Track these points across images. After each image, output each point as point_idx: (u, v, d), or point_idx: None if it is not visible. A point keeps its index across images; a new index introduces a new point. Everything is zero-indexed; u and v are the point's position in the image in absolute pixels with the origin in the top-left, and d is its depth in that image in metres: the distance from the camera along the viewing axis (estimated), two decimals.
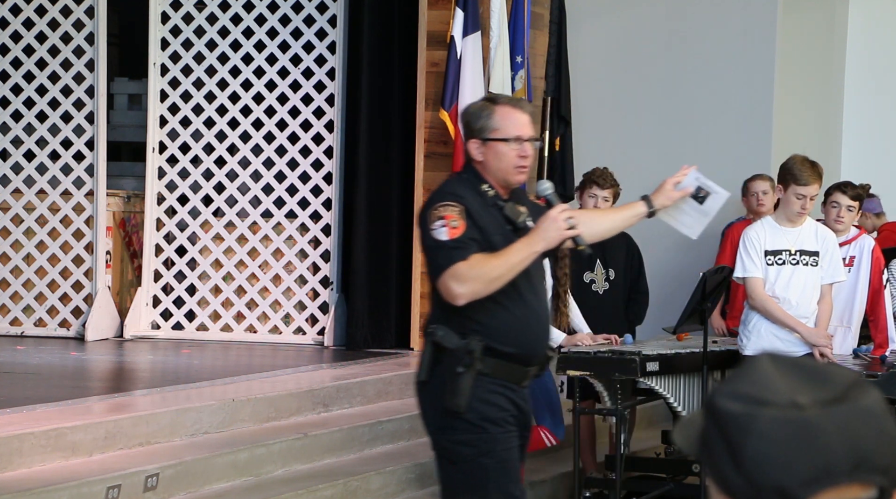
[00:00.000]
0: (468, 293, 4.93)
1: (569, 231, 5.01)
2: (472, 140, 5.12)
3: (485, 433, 5.05)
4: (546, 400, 7.65)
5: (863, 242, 8.09)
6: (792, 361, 1.73)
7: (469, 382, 4.98)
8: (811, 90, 11.49)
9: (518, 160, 5.10)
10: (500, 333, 5.03)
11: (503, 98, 5.34)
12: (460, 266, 4.91)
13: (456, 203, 5.02)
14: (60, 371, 9.34)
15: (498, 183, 5.14)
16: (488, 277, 4.93)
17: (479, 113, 5.13)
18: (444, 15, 10.22)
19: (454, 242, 4.95)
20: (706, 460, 1.73)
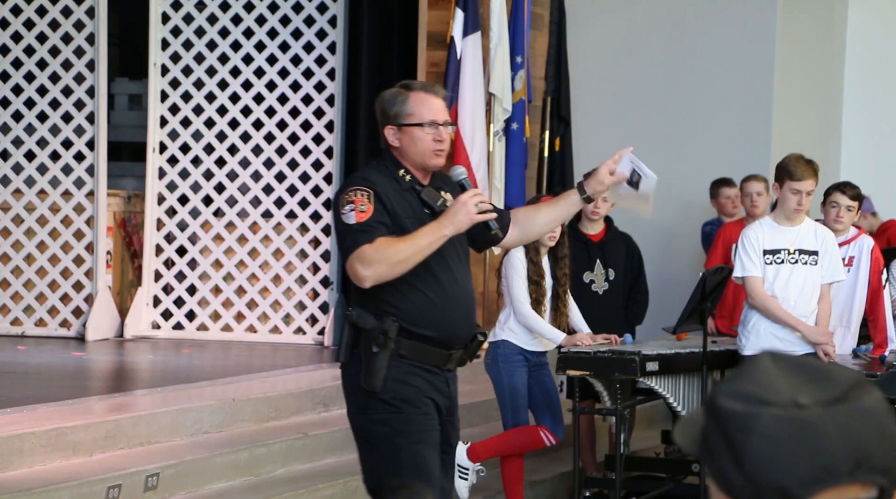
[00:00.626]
0: (373, 276, 4.96)
1: (478, 215, 5.01)
2: (388, 127, 5.14)
3: (399, 413, 5.06)
4: (545, 400, 7.65)
5: (862, 243, 8.09)
6: (793, 361, 1.73)
7: (384, 361, 5.02)
8: (811, 90, 11.50)
9: (434, 144, 5.14)
10: (415, 316, 5.06)
11: (417, 84, 5.36)
12: (365, 249, 4.94)
13: (366, 188, 5.04)
14: (61, 371, 9.34)
15: (416, 168, 5.16)
16: (393, 260, 4.95)
17: (393, 100, 5.16)
18: (444, 15, 10.22)
19: (360, 226, 4.98)
20: (707, 459, 1.73)
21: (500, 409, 7.68)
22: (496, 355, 7.61)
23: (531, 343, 7.59)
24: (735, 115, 10.85)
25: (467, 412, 8.91)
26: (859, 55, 11.73)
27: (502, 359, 7.58)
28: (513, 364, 7.56)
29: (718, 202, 9.88)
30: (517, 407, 7.60)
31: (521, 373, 7.58)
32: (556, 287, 7.63)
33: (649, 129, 11.06)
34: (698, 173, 10.83)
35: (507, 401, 7.62)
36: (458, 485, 7.67)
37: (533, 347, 7.60)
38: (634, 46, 11.12)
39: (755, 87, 10.80)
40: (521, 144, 10.36)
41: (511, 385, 7.57)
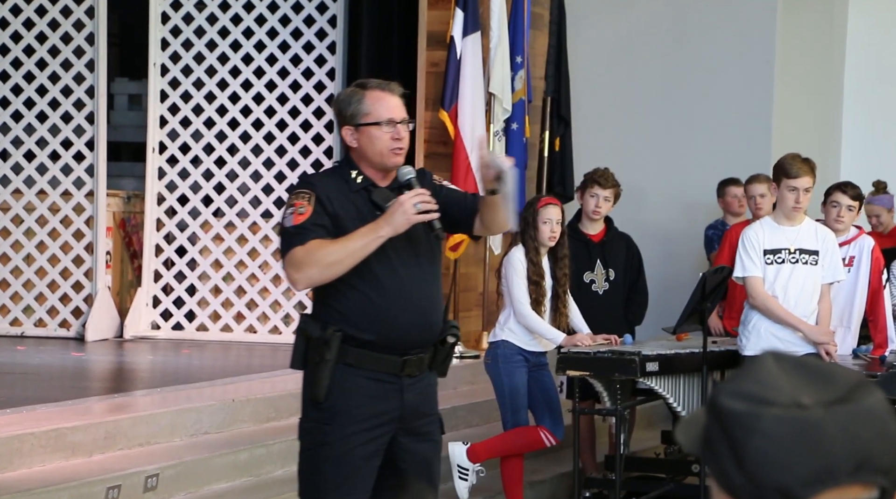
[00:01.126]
0: (303, 278, 4.88)
1: (417, 216, 4.84)
2: (345, 127, 5.02)
3: (327, 425, 4.94)
4: (545, 400, 7.65)
5: (863, 243, 8.09)
6: (796, 361, 1.73)
7: (326, 373, 4.90)
8: (811, 90, 11.49)
9: (392, 143, 5.00)
10: (357, 320, 4.91)
11: (373, 82, 5.18)
12: (296, 251, 4.83)
13: (307, 190, 4.94)
14: (60, 371, 9.34)
15: (375, 168, 5.01)
16: (324, 263, 4.82)
17: (349, 99, 5.04)
18: (444, 15, 10.22)
19: (295, 228, 4.86)
20: (708, 459, 1.73)
21: (500, 409, 7.68)
22: (496, 355, 7.60)
23: (531, 343, 7.58)
24: (735, 115, 10.85)
25: (467, 412, 8.92)
26: (859, 55, 11.73)
27: (502, 359, 7.57)
28: (512, 364, 7.56)
29: (725, 201, 9.85)
30: (517, 407, 7.60)
31: (521, 373, 7.58)
32: (555, 287, 7.63)
33: (649, 129, 11.05)
34: (698, 173, 10.83)
35: (506, 401, 7.61)
36: (458, 485, 7.67)
37: (533, 348, 7.59)
38: (634, 46, 11.12)
39: (755, 86, 10.80)
40: (521, 144, 10.36)
41: (511, 385, 7.56)
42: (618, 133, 11.07)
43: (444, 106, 9.99)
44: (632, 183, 9.75)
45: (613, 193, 8.43)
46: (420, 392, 5.06)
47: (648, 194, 10.87)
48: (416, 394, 5.03)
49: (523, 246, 7.58)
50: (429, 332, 5.03)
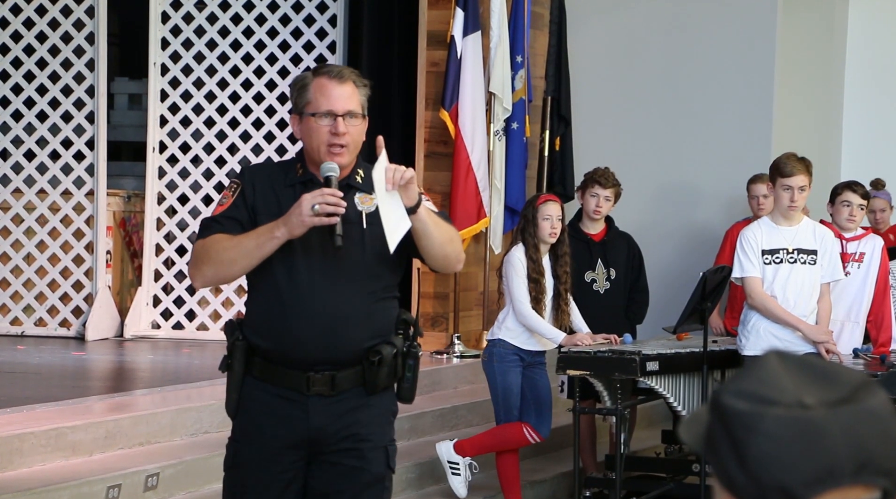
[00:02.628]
0: (198, 275, 4.42)
1: (313, 218, 4.25)
2: (292, 115, 4.57)
3: (234, 444, 4.49)
4: (533, 397, 7.64)
5: (874, 241, 8.09)
6: (800, 360, 1.73)
7: (233, 384, 4.45)
8: (811, 90, 11.49)
9: (330, 138, 4.39)
10: (259, 327, 4.43)
11: (324, 68, 4.59)
12: (196, 245, 4.43)
13: (236, 180, 4.50)
14: (61, 371, 9.34)
15: (313, 161, 4.47)
16: (218, 260, 4.36)
17: (296, 85, 4.56)
18: (444, 15, 10.22)
19: (207, 221, 4.48)
20: (710, 458, 1.73)
21: (494, 407, 7.70)
22: (492, 354, 7.62)
23: (528, 343, 7.58)
24: (735, 114, 10.84)
25: (468, 412, 8.92)
26: (860, 55, 11.73)
27: (497, 358, 7.58)
28: (507, 364, 7.56)
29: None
30: (509, 406, 7.60)
31: (516, 373, 7.59)
32: (557, 286, 7.62)
33: (649, 128, 11.05)
34: (698, 173, 10.83)
35: (499, 400, 7.63)
36: (452, 482, 7.68)
37: (530, 347, 7.59)
38: (635, 46, 11.12)
39: (755, 86, 10.80)
40: (521, 144, 10.36)
41: (504, 384, 7.57)
42: (618, 132, 11.07)
43: (445, 105, 9.99)
44: (632, 182, 9.74)
45: (614, 192, 8.43)
46: (339, 415, 4.42)
47: (649, 194, 10.86)
48: (331, 416, 4.41)
49: (523, 244, 7.58)
50: (338, 349, 4.39)
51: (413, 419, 8.50)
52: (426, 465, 7.92)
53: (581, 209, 8.60)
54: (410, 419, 8.47)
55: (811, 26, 11.45)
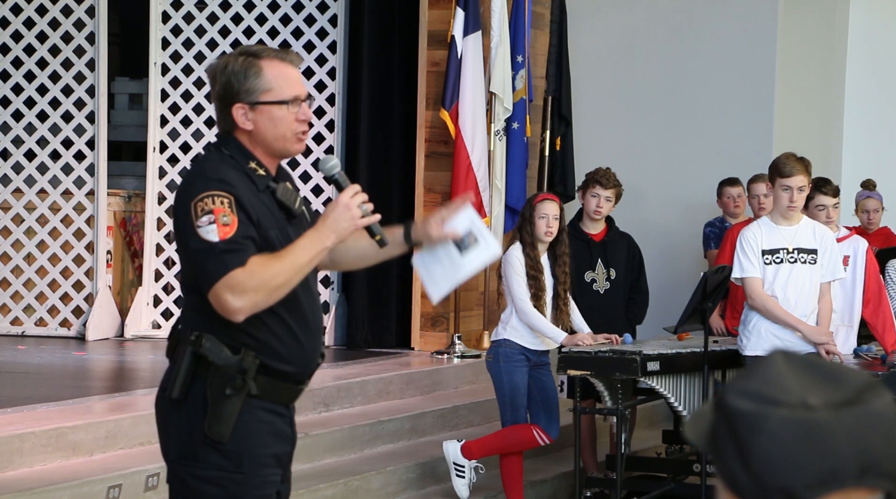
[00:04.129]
0: (248, 307, 3.95)
1: (363, 220, 4.08)
2: (237, 105, 4.08)
3: (237, 473, 4.06)
4: (542, 399, 7.64)
5: (857, 244, 8.09)
6: (806, 361, 1.72)
7: (237, 407, 4.03)
8: (812, 90, 11.49)
9: (298, 126, 4.12)
10: (277, 350, 4.08)
11: (266, 51, 4.19)
12: (237, 274, 3.93)
13: (224, 192, 4.00)
14: (61, 371, 9.34)
15: (271, 156, 4.15)
16: (272, 286, 3.96)
17: (244, 71, 4.08)
18: (444, 15, 10.22)
19: (226, 245, 3.95)
20: (714, 457, 1.73)
21: (500, 407, 7.68)
22: (497, 354, 7.61)
23: (533, 342, 7.58)
24: (736, 114, 10.84)
25: (469, 412, 8.92)
26: (861, 55, 11.73)
27: (503, 358, 7.57)
28: (513, 363, 7.56)
29: (722, 201, 9.89)
30: (516, 406, 7.60)
31: (522, 372, 7.58)
32: (555, 286, 7.62)
33: (650, 128, 11.05)
34: (699, 173, 10.83)
35: (506, 400, 7.62)
36: (456, 484, 7.68)
37: (535, 346, 7.59)
38: (635, 46, 11.12)
39: (756, 86, 10.80)
40: (521, 144, 10.36)
41: (511, 384, 7.57)
42: (619, 132, 11.07)
43: (445, 105, 9.99)
44: (633, 182, 9.75)
45: (615, 193, 8.43)
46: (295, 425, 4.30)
47: (649, 194, 10.87)
48: (295, 426, 4.29)
49: (521, 242, 7.59)
50: (320, 357, 4.29)
51: (413, 419, 8.50)
52: (426, 465, 7.91)
53: (582, 209, 8.60)
54: (411, 419, 8.47)
55: (811, 26, 11.45)
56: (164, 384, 4.15)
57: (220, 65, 4.14)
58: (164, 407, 4.18)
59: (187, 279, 4.15)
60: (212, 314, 4.01)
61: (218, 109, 4.16)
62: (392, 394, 9.03)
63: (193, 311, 4.11)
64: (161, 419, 4.21)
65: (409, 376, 9.30)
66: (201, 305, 4.04)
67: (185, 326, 4.12)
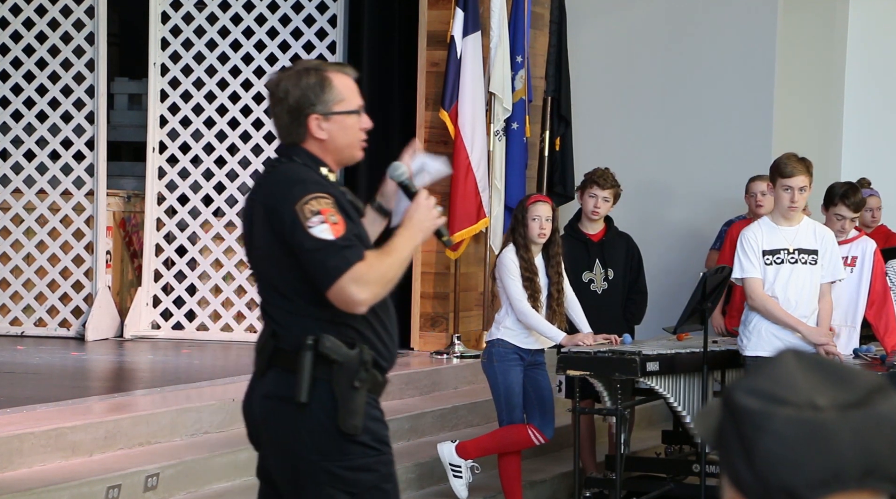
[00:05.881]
0: (371, 298, 4.18)
1: (440, 220, 4.39)
2: (314, 116, 4.32)
3: (382, 455, 4.32)
4: (537, 398, 7.64)
5: (864, 244, 8.08)
6: (816, 360, 1.72)
7: (363, 398, 4.23)
8: (811, 90, 11.49)
9: (361, 133, 4.42)
10: (377, 347, 4.31)
11: (328, 64, 4.49)
12: (360, 268, 4.15)
13: (325, 194, 4.23)
14: (61, 371, 9.34)
15: (337, 164, 4.41)
16: (388, 278, 4.23)
17: (319, 84, 4.32)
18: (444, 15, 10.22)
19: (343, 241, 4.17)
20: (720, 453, 1.73)
21: (496, 407, 7.69)
22: (491, 354, 7.61)
23: (527, 341, 7.58)
24: (736, 115, 10.84)
25: (468, 412, 8.92)
26: (860, 56, 11.73)
27: (497, 357, 7.58)
28: (508, 363, 7.56)
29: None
30: (512, 406, 7.60)
31: (517, 372, 7.58)
32: (549, 287, 7.62)
33: (650, 128, 11.05)
34: (698, 173, 10.83)
35: (502, 400, 7.62)
36: (454, 484, 7.68)
37: (529, 346, 7.59)
38: (635, 46, 11.12)
39: (756, 87, 10.80)
40: (521, 144, 10.36)
41: (506, 384, 7.57)
42: (618, 133, 11.07)
43: (445, 105, 9.99)
44: (632, 182, 9.75)
45: (613, 193, 8.42)
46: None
47: (649, 194, 10.86)
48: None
49: (514, 244, 7.59)
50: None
51: (413, 419, 8.50)
52: (426, 465, 7.91)
53: (581, 209, 8.60)
54: (410, 419, 8.47)
55: (811, 27, 11.45)
56: (278, 393, 4.26)
57: (289, 79, 4.35)
58: (287, 413, 4.27)
59: (288, 285, 4.27)
60: (318, 316, 4.21)
61: (286, 121, 4.38)
62: (391, 394, 9.01)
63: (295, 316, 4.26)
64: (286, 426, 4.29)
65: (409, 377, 9.30)
66: (305, 309, 4.23)
67: (288, 333, 4.25)
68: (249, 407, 4.46)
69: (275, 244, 4.26)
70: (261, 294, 4.41)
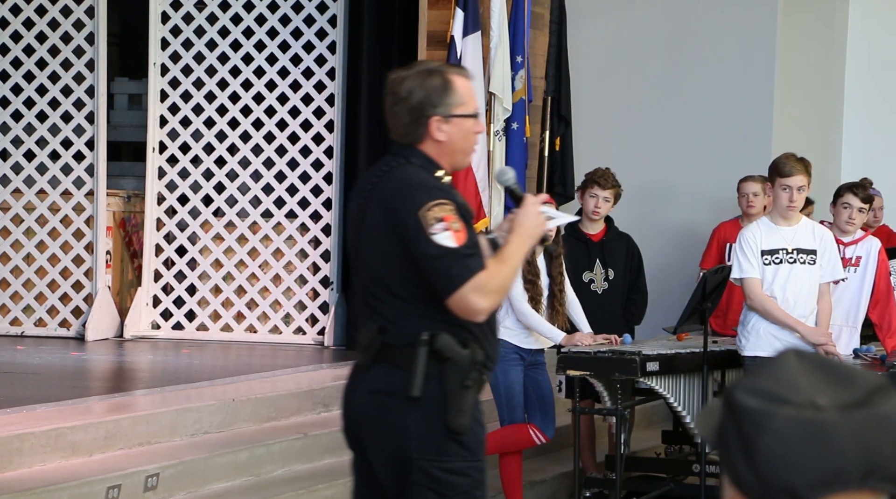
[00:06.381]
0: (490, 307, 4.25)
1: (548, 223, 4.42)
2: (436, 117, 4.33)
3: (478, 461, 4.39)
4: (538, 398, 7.64)
5: (870, 244, 8.08)
6: (818, 360, 1.72)
7: (473, 398, 4.29)
8: (811, 90, 11.49)
9: (476, 138, 4.46)
10: (491, 347, 4.38)
11: (450, 68, 4.56)
12: (482, 277, 4.18)
13: (448, 200, 4.24)
14: (60, 371, 9.34)
15: (451, 166, 4.42)
16: (505, 287, 4.30)
17: (443, 86, 4.36)
18: (444, 15, 10.22)
19: (466, 249, 4.19)
20: (721, 452, 1.73)
21: (497, 407, 7.69)
22: None
23: (527, 341, 7.58)
24: (735, 115, 10.84)
25: None
26: (860, 56, 11.73)
27: None
28: (508, 363, 7.56)
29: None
30: (513, 406, 7.60)
31: (517, 371, 7.58)
32: (551, 286, 7.62)
33: (649, 129, 11.05)
34: (698, 173, 10.83)
35: (502, 399, 7.62)
36: None
37: (529, 346, 7.59)
38: (635, 46, 11.12)
39: (756, 87, 10.80)
40: (521, 144, 10.35)
41: (506, 384, 7.57)
42: (618, 133, 11.07)
43: None
44: (632, 182, 9.74)
45: (613, 193, 8.43)
46: None
47: (649, 194, 10.86)
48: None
49: None
50: None
51: None
52: None
53: (581, 209, 8.60)
54: None
55: (811, 27, 11.45)
56: (386, 387, 4.30)
57: (413, 79, 4.41)
58: (396, 408, 4.29)
59: (403, 287, 4.29)
60: (433, 316, 4.25)
61: (406, 121, 4.38)
62: None
63: (409, 315, 4.29)
64: (392, 420, 4.31)
65: None
66: (420, 309, 4.27)
67: (400, 330, 4.29)
68: (351, 403, 4.46)
69: (393, 247, 4.29)
70: (369, 291, 4.39)
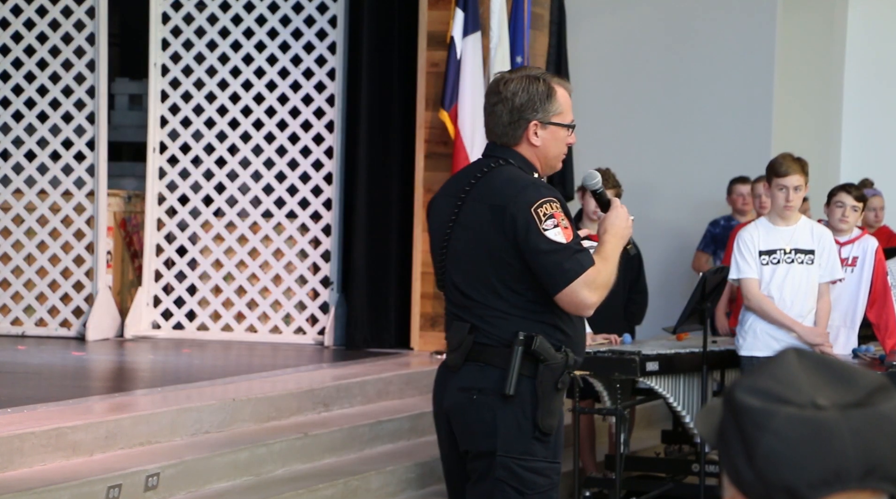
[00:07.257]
0: (597, 302, 4.41)
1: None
2: (535, 122, 4.52)
3: (556, 464, 4.50)
4: None
5: (866, 243, 8.08)
6: (818, 360, 1.73)
7: (562, 401, 4.44)
8: (811, 91, 11.50)
9: (566, 148, 4.68)
10: (576, 344, 4.50)
11: (553, 77, 4.71)
12: (592, 272, 4.35)
13: (556, 198, 4.42)
14: (61, 371, 9.34)
15: (543, 171, 4.60)
16: (609, 284, 4.45)
17: (546, 93, 4.55)
18: (444, 15, 10.23)
19: (575, 245, 4.37)
20: (721, 452, 1.73)
21: None
22: None
23: None
24: (735, 115, 10.86)
25: None
26: (859, 56, 11.74)
27: None
28: None
29: (731, 199, 9.92)
30: None
31: None
32: None
33: (649, 129, 11.06)
34: (698, 173, 10.84)
35: None
36: None
37: None
38: (634, 47, 11.13)
39: (755, 87, 10.81)
40: None
41: None
42: (618, 133, 11.08)
43: (445, 106, 10.00)
44: (632, 183, 9.76)
45: (614, 193, 8.43)
46: None
47: (649, 194, 10.87)
48: None
49: None
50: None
51: (413, 419, 8.51)
52: (426, 465, 7.92)
53: (581, 210, 8.61)
54: (410, 419, 8.48)
55: (811, 26, 11.46)
56: (477, 384, 4.39)
57: (519, 82, 4.51)
58: (487, 405, 4.39)
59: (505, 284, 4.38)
60: (529, 316, 4.35)
61: (505, 121, 4.51)
62: (391, 394, 9.03)
63: (505, 314, 4.39)
64: (481, 417, 4.40)
65: (409, 376, 9.31)
66: (517, 309, 4.37)
67: (494, 329, 4.39)
68: (441, 401, 4.55)
69: (500, 243, 4.38)
70: (460, 290, 4.47)
